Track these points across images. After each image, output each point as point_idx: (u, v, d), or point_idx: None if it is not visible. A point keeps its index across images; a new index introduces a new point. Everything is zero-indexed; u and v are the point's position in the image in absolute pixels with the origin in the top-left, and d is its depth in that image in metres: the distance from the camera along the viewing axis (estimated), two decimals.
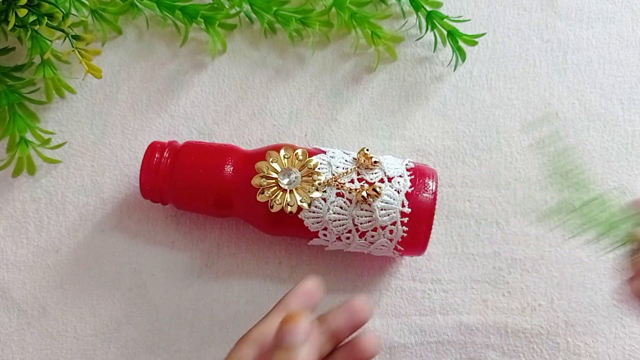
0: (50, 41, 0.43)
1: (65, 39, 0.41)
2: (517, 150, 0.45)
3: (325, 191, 0.38)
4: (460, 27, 0.45)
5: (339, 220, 0.38)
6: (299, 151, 0.39)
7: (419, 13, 0.45)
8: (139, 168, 0.41)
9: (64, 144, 0.45)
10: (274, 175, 0.38)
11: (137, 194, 0.44)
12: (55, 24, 0.41)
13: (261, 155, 0.39)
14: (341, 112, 0.46)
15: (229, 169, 0.39)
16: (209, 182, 0.40)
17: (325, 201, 0.38)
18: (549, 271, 0.43)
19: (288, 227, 0.39)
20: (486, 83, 0.46)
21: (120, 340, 0.42)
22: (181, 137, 0.45)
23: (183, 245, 0.44)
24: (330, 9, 0.45)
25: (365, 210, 0.38)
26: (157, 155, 0.40)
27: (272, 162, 0.39)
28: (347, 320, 0.33)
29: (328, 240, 0.39)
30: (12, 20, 0.40)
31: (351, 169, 0.39)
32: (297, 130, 0.46)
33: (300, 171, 0.39)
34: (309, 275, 0.33)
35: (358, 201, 0.37)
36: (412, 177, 0.39)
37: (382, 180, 0.38)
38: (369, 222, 0.38)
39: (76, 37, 0.41)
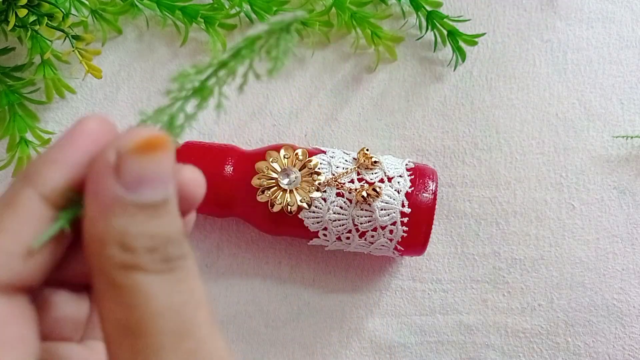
0: (50, 41, 0.43)
1: (65, 39, 0.41)
2: (517, 150, 0.45)
3: (325, 191, 0.38)
4: (460, 27, 0.45)
5: (339, 220, 0.38)
6: (299, 151, 0.39)
7: (419, 13, 0.45)
8: None
9: None
10: (274, 175, 0.38)
11: None
12: (55, 24, 0.41)
13: (261, 155, 0.39)
14: (341, 112, 0.46)
15: (229, 169, 0.39)
16: (208, 182, 0.39)
17: (325, 201, 0.38)
18: (548, 271, 0.43)
19: (288, 227, 0.39)
20: (486, 83, 0.46)
21: None
22: (181, 137, 0.45)
23: None
24: (330, 9, 0.45)
25: (365, 210, 0.38)
26: None
27: (272, 162, 0.39)
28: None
29: (328, 240, 0.39)
30: (12, 20, 0.40)
31: (351, 169, 0.39)
32: (297, 130, 0.46)
33: (300, 171, 0.38)
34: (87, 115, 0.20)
35: (358, 201, 0.37)
36: (412, 177, 0.39)
37: (382, 180, 0.38)
38: (369, 222, 0.38)
39: (76, 37, 0.41)
